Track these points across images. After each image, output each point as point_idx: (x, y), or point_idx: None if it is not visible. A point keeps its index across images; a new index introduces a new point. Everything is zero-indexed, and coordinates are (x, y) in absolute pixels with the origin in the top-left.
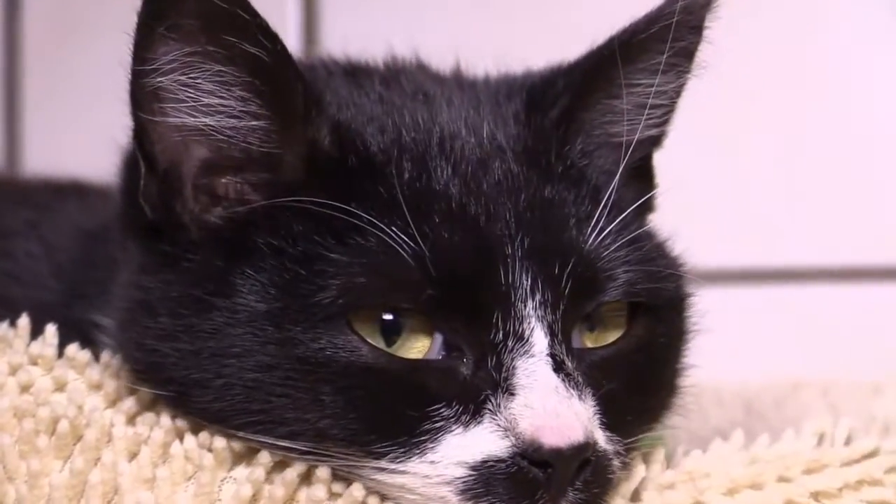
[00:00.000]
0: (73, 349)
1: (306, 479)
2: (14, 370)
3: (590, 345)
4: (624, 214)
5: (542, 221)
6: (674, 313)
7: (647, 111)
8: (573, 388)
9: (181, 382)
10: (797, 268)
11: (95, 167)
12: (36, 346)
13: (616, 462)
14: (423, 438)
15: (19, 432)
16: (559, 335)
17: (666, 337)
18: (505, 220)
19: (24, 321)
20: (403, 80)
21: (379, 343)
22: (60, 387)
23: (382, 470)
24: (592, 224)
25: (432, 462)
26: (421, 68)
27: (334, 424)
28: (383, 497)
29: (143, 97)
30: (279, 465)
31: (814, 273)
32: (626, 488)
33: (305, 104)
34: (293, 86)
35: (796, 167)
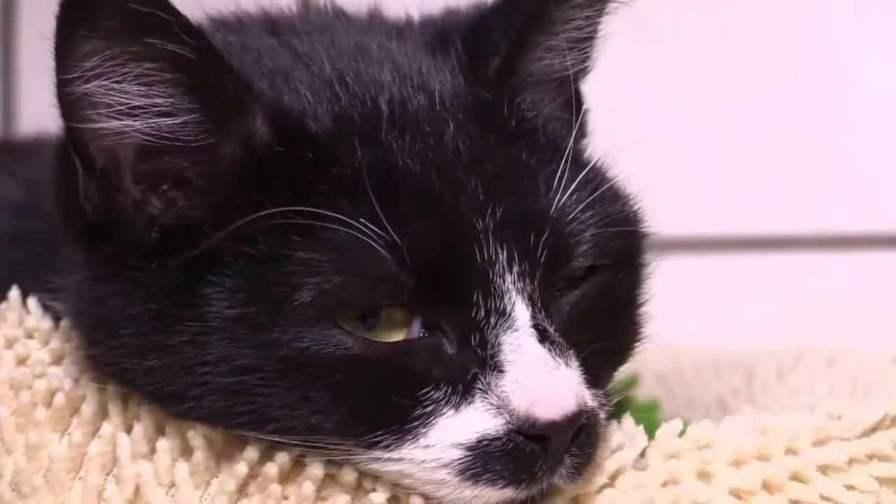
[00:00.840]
0: (65, 323)
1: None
2: (10, 343)
3: (554, 292)
4: (585, 171)
5: (509, 189)
6: (632, 258)
7: (581, 45)
8: (559, 357)
9: (155, 394)
10: (792, 236)
11: None
12: (31, 320)
13: (602, 415)
14: (414, 424)
15: (16, 404)
16: (539, 304)
17: (627, 279)
18: (472, 191)
19: (14, 293)
20: (334, 32)
21: (360, 331)
22: (57, 360)
23: (377, 459)
24: (555, 183)
25: (427, 447)
26: (342, 14)
27: (325, 419)
28: (376, 479)
29: (70, 104)
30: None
31: (809, 241)
32: (630, 456)
33: (236, 93)
34: (221, 77)
35: (787, 137)
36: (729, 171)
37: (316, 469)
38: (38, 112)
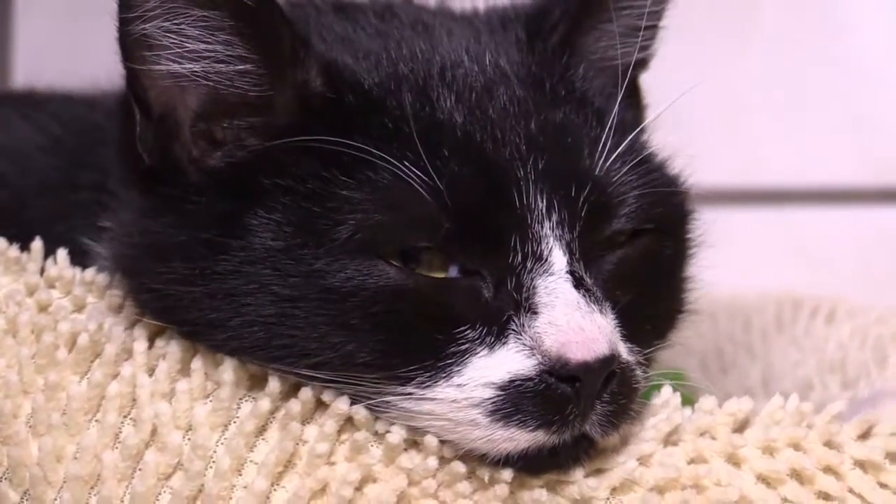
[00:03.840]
0: (90, 272)
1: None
2: (31, 291)
3: (598, 251)
4: (630, 138)
5: (553, 144)
6: (678, 227)
7: (639, 33)
8: (594, 304)
9: (196, 323)
10: (793, 189)
11: (87, 77)
12: (53, 269)
13: (639, 372)
14: (449, 362)
15: (38, 346)
16: (577, 254)
17: (671, 248)
18: (515, 145)
19: (37, 244)
20: (399, 12)
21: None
22: (79, 308)
23: (409, 396)
24: (601, 147)
25: (459, 385)
26: (411, 3)
27: (361, 350)
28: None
29: (130, 45)
30: (296, 386)
31: (810, 195)
32: (662, 431)
33: (292, 46)
34: (278, 29)
35: (793, 91)
36: (728, 124)
37: (341, 404)
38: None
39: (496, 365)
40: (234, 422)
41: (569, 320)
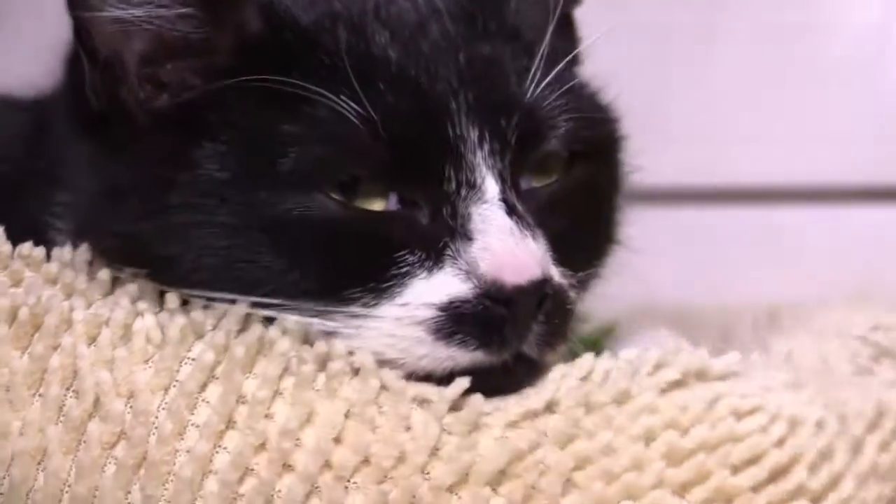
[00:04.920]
0: (27, 247)
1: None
2: None
3: (535, 184)
4: (559, 66)
5: (483, 77)
6: (609, 155)
7: None
8: (526, 230)
9: (156, 259)
10: (771, 188)
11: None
12: None
13: (572, 294)
14: (391, 283)
15: None
16: (509, 182)
17: (603, 177)
18: (447, 79)
19: None
20: None
21: (340, 199)
22: (16, 282)
23: (355, 316)
24: (530, 76)
25: (403, 304)
26: None
27: (305, 277)
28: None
29: None
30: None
31: (788, 194)
32: (617, 388)
33: None
34: None
35: (767, 87)
36: (707, 122)
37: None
38: None
39: (435, 288)
40: (175, 384)
41: (502, 246)
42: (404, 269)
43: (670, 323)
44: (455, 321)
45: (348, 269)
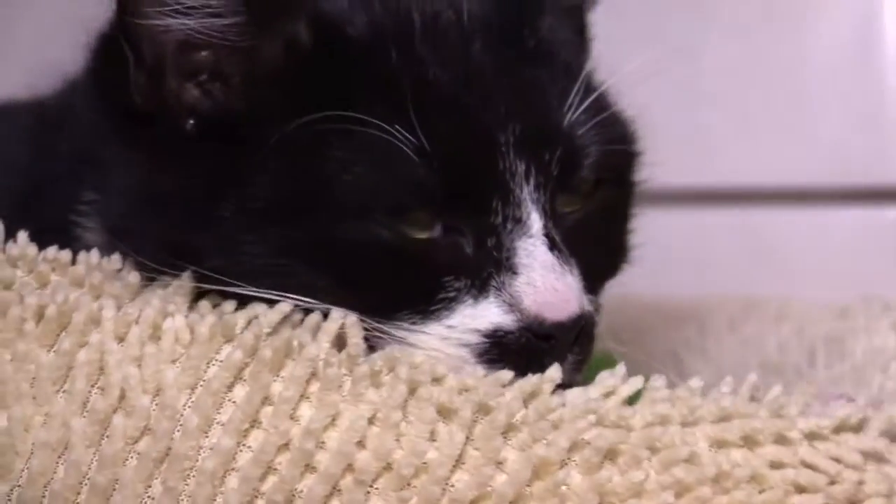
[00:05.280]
0: (52, 250)
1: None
2: None
3: (564, 209)
4: (595, 93)
5: (528, 105)
6: (629, 177)
7: None
8: (566, 264)
9: (204, 266)
10: (750, 189)
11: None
12: (14, 248)
13: (596, 318)
14: (439, 307)
15: (4, 321)
16: (550, 214)
17: (623, 199)
18: (495, 108)
19: None
20: None
21: (390, 225)
22: (43, 285)
23: (401, 328)
24: (569, 103)
25: (450, 326)
26: None
27: (355, 296)
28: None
29: (131, 1)
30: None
31: (764, 195)
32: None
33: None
34: None
35: (749, 87)
36: (684, 123)
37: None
38: None
39: (480, 315)
40: (202, 383)
41: (545, 282)
42: (451, 294)
43: (645, 317)
44: (500, 349)
45: (397, 291)
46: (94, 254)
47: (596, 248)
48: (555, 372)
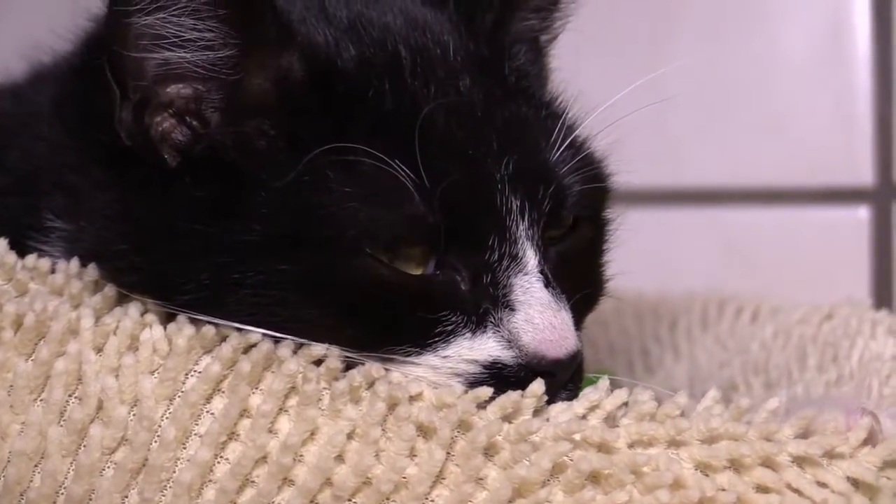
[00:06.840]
0: (31, 258)
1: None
2: None
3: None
4: (574, 134)
5: (518, 141)
6: (603, 212)
7: (557, 6)
8: (560, 301)
9: (189, 301)
10: (720, 189)
11: None
12: None
13: (583, 353)
14: (435, 339)
15: None
16: (542, 250)
17: (599, 234)
18: (489, 143)
19: None
20: None
21: (385, 260)
22: (22, 293)
23: (394, 361)
24: (552, 139)
25: (444, 357)
26: None
27: (349, 329)
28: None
29: (122, 34)
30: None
31: (735, 194)
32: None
33: (278, 34)
34: (265, 17)
35: (720, 87)
36: (652, 122)
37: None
38: None
39: (479, 347)
40: (180, 395)
41: (542, 319)
42: (449, 328)
43: (614, 311)
44: (497, 381)
45: (392, 326)
46: (74, 263)
47: (577, 282)
48: (538, 387)
